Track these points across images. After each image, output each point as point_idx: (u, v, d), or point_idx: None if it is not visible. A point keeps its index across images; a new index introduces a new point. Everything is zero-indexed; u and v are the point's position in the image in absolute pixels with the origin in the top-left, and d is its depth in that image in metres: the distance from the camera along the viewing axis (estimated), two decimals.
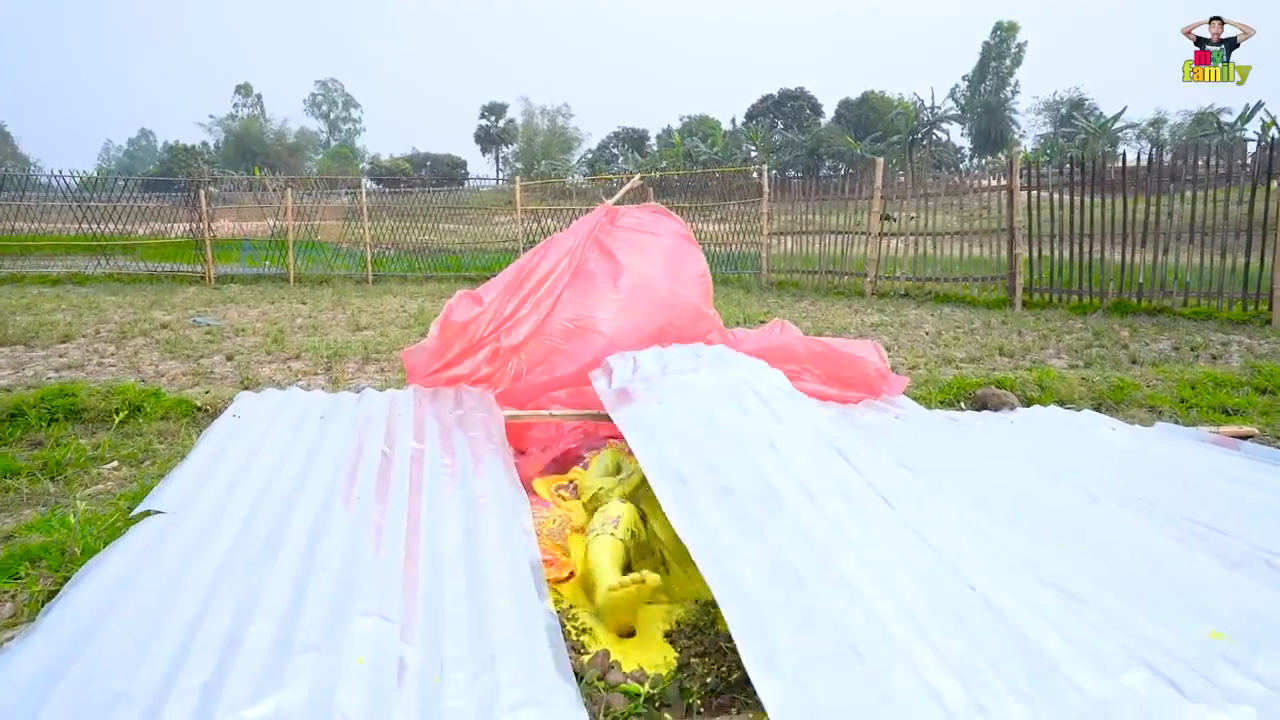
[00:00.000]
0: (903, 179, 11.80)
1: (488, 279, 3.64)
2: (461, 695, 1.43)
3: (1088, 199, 9.38)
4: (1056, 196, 9.69)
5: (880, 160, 11.53)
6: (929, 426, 3.11)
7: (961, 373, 5.48)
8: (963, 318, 8.67)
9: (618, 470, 2.79)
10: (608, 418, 2.91)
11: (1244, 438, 3.50)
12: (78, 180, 14.63)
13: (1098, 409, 4.02)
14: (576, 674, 1.60)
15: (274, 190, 15.91)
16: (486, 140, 76.73)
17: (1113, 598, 1.70)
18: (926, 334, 7.51)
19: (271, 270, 14.17)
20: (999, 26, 64.74)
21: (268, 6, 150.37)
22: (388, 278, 14.14)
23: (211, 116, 75.54)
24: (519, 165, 73.27)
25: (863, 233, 11.48)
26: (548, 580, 2.07)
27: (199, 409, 3.54)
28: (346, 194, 15.49)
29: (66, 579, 1.98)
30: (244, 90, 76.74)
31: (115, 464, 3.00)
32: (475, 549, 1.95)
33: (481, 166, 77.99)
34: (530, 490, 2.74)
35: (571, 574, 2.12)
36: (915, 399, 4.19)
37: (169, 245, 14.26)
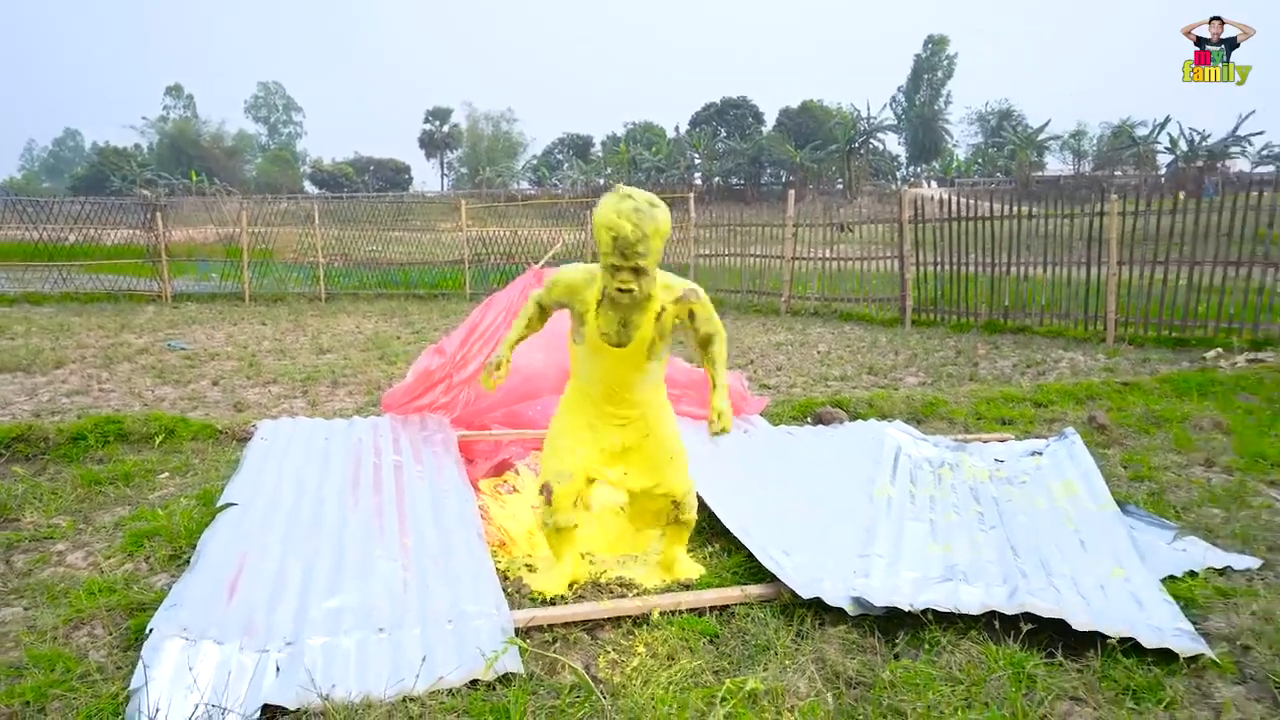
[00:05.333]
0: (811, 200, 13.16)
1: (435, 295, 4.75)
2: (439, 598, 2.57)
3: (963, 226, 10.79)
4: (937, 228, 11.12)
5: (791, 193, 12.91)
6: (766, 440, 4.35)
7: (830, 390, 6.78)
8: (858, 336, 10.03)
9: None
10: (536, 438, 4.07)
11: (1001, 440, 4.82)
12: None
13: (910, 421, 5.32)
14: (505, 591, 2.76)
15: (214, 195, 16.40)
16: (430, 145, 76.80)
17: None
18: (819, 353, 8.82)
19: (226, 288, 14.74)
20: (930, 39, 67.57)
21: (206, 5, 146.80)
22: (340, 295, 14.92)
23: (144, 118, 73.99)
24: (464, 170, 73.49)
25: (778, 257, 12.84)
26: (490, 546, 3.22)
27: (220, 432, 4.57)
28: (289, 198, 15.98)
29: (177, 549, 3.05)
30: (175, 92, 75.38)
31: (167, 474, 4.02)
32: (443, 522, 3.09)
33: (425, 171, 78.19)
34: (476, 489, 3.86)
35: (502, 543, 3.26)
36: (775, 415, 5.45)
37: (123, 260, 14.72)
